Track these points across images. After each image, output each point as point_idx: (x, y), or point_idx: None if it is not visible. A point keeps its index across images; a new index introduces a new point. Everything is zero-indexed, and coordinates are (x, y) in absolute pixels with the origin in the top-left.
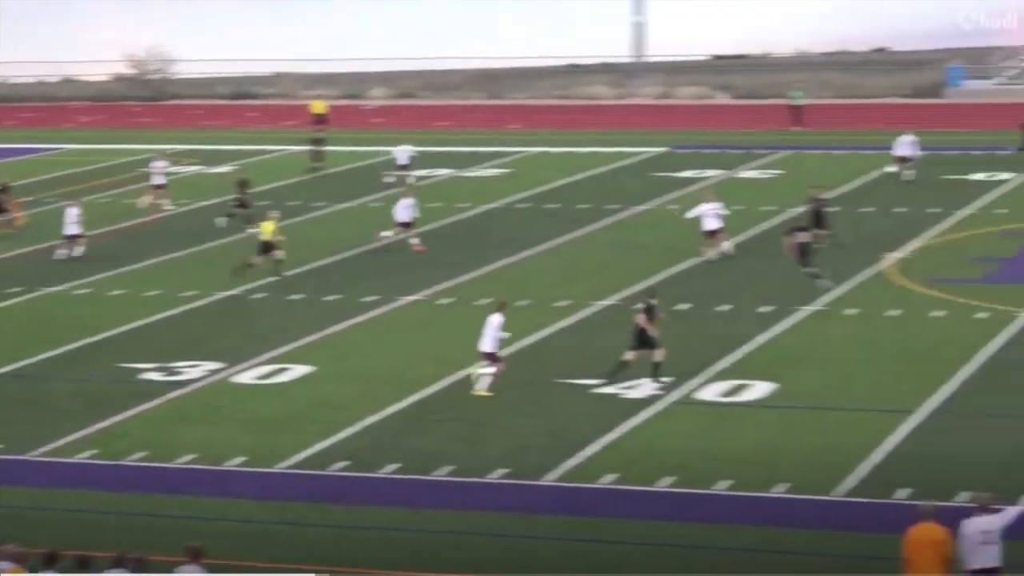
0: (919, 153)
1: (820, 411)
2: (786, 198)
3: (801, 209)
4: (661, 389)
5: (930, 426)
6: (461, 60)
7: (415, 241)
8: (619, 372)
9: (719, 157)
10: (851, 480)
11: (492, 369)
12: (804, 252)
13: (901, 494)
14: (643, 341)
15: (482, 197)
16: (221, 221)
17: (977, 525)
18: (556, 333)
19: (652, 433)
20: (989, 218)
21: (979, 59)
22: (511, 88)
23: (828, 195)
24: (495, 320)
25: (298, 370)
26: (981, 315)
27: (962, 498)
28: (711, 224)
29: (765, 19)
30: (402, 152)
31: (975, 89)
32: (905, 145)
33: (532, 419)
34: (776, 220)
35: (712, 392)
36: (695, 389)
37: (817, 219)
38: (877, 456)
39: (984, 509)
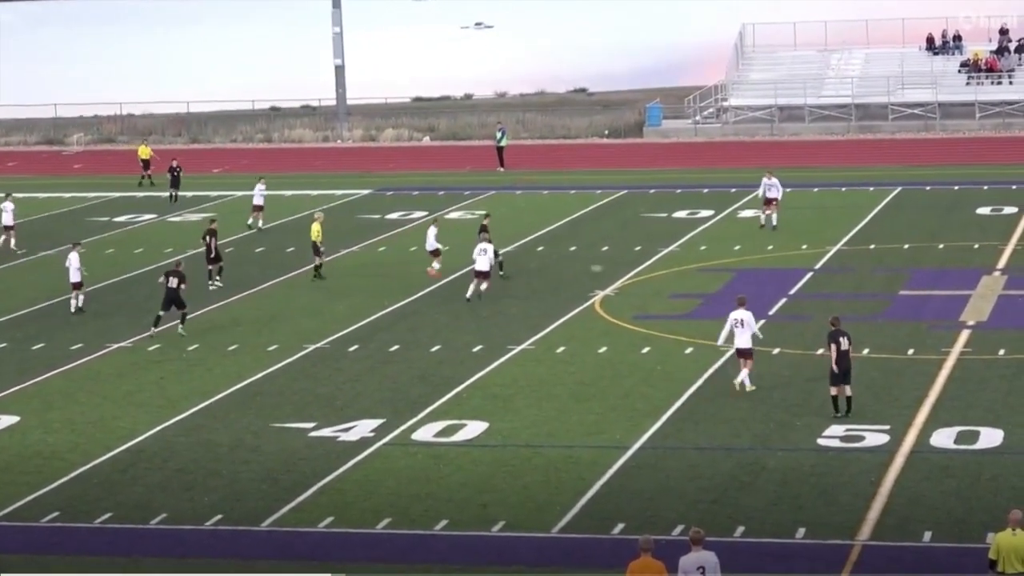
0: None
1: (534, 448)
2: (494, 237)
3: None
4: (373, 431)
5: (642, 460)
6: (161, 104)
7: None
8: None
9: (424, 199)
10: (567, 517)
11: None
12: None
13: (617, 529)
14: None
15: (186, 242)
16: None
17: (692, 561)
18: (268, 377)
19: (368, 475)
20: (692, 255)
21: (677, 99)
22: (212, 131)
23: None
24: None
25: (3, 420)
26: (687, 351)
27: (675, 532)
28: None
29: (466, 61)
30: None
31: (673, 128)
32: (769, 187)
33: (247, 464)
34: None
35: (427, 433)
36: (409, 430)
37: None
38: (592, 492)
39: (697, 542)
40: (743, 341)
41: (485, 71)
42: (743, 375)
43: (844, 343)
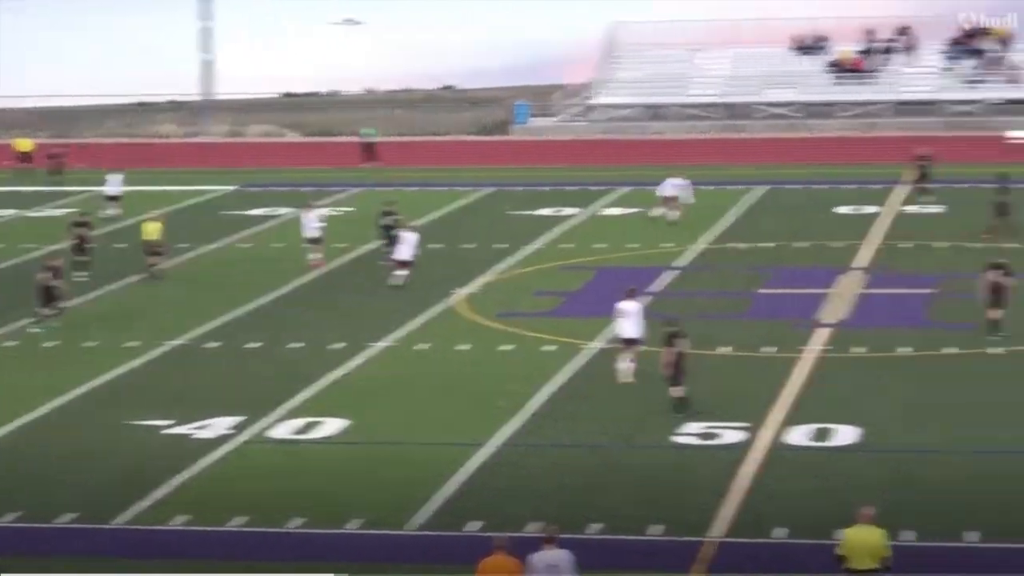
0: (688, 193)
1: (393, 446)
2: (358, 235)
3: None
4: (231, 429)
5: (501, 458)
6: (24, 99)
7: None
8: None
9: (290, 195)
10: (423, 514)
11: None
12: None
13: (473, 526)
14: None
15: (46, 238)
16: None
17: (543, 559)
18: (126, 374)
19: (224, 473)
20: (555, 253)
21: (544, 96)
22: (78, 126)
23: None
24: None
25: None
26: (549, 348)
27: (531, 529)
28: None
29: (334, 57)
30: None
31: (540, 126)
32: (670, 186)
33: (103, 461)
34: (347, 257)
35: (285, 430)
36: (267, 427)
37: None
38: (449, 489)
39: (550, 541)
40: (630, 331)
41: (354, 68)
42: (626, 364)
43: (681, 345)
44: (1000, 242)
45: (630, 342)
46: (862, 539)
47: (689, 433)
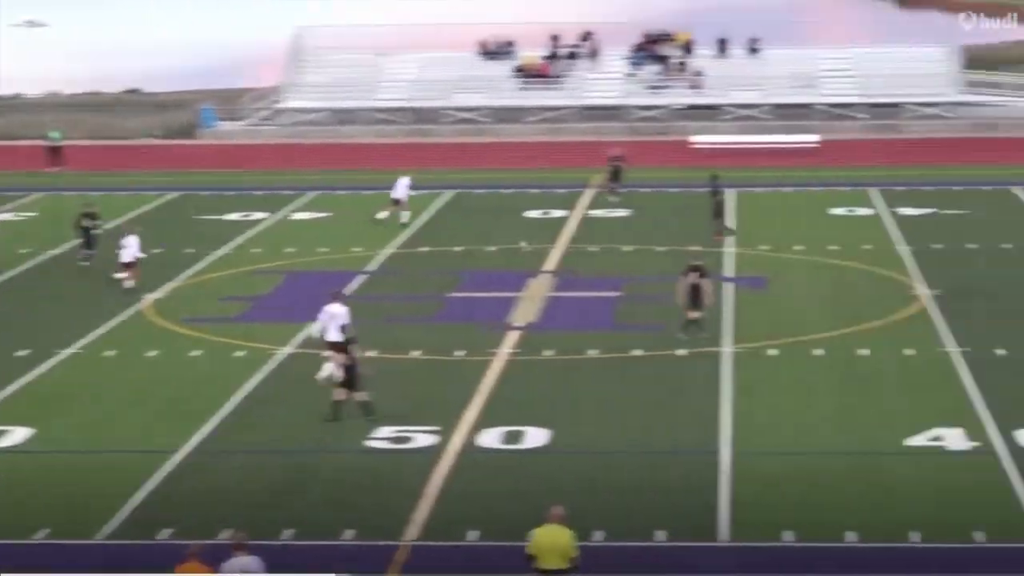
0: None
1: (81, 454)
2: (42, 240)
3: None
4: None
5: (191, 465)
6: None
7: None
8: None
9: None
10: (113, 523)
11: None
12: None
13: (164, 534)
14: None
15: None
16: None
17: (233, 565)
18: None
19: None
20: (244, 258)
21: (232, 101)
22: None
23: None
24: None
25: None
26: (238, 353)
27: (224, 536)
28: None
29: (16, 59)
30: None
31: (227, 130)
32: (402, 187)
33: None
34: (31, 263)
35: None
36: None
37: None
38: (139, 497)
39: (240, 548)
40: (334, 335)
41: (38, 70)
42: (330, 368)
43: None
44: (723, 242)
45: (335, 345)
46: (551, 539)
47: (381, 437)
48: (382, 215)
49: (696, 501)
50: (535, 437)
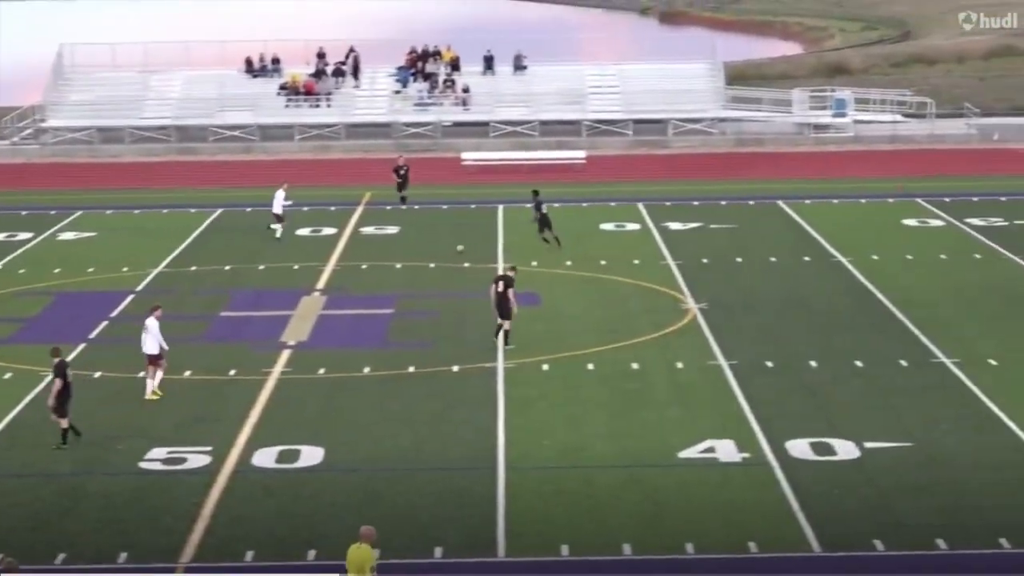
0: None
1: None
2: None
3: None
4: None
5: None
6: None
7: None
8: None
9: None
10: None
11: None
12: None
13: None
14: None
15: None
16: None
17: None
18: None
19: None
20: (10, 279)
21: None
22: None
23: None
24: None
25: None
26: (7, 376)
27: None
28: None
29: None
30: None
31: None
32: (278, 202)
33: None
34: None
35: None
36: None
37: None
38: None
39: (11, 571)
40: (151, 347)
41: None
42: (153, 382)
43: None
44: (560, 248)
45: (152, 358)
46: (354, 556)
47: (154, 459)
48: (275, 225)
49: (474, 517)
50: (310, 455)
